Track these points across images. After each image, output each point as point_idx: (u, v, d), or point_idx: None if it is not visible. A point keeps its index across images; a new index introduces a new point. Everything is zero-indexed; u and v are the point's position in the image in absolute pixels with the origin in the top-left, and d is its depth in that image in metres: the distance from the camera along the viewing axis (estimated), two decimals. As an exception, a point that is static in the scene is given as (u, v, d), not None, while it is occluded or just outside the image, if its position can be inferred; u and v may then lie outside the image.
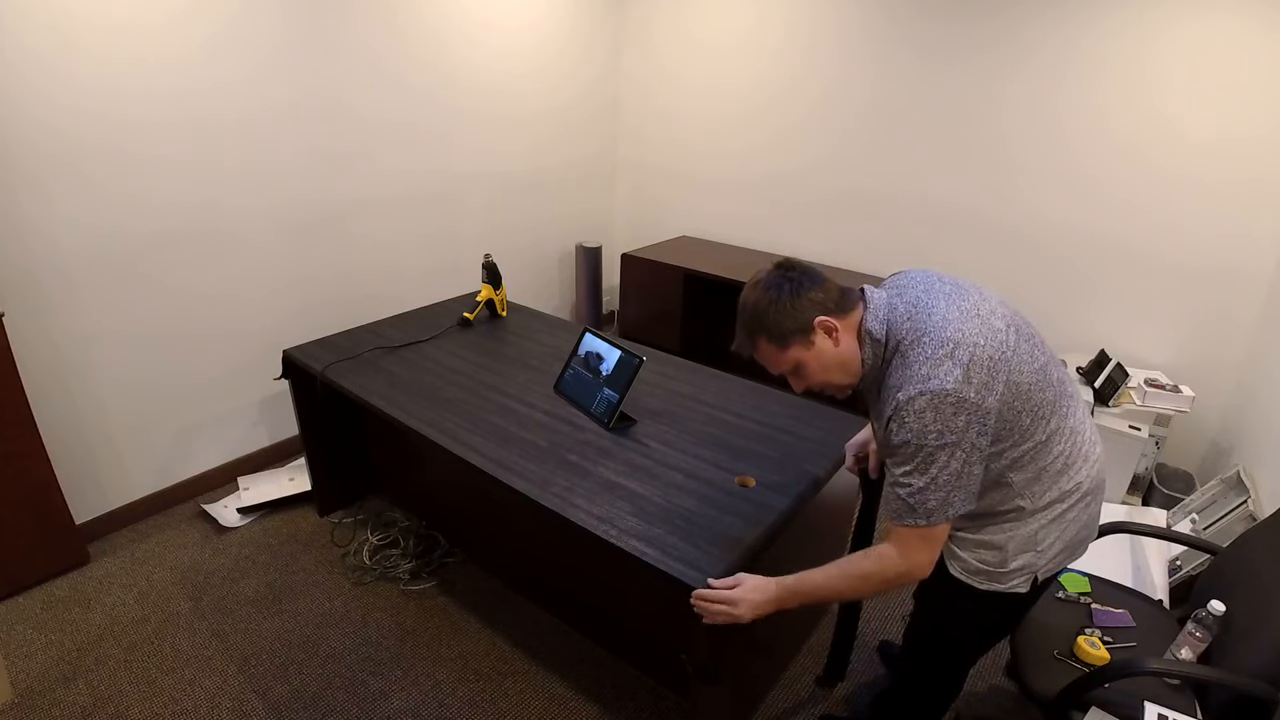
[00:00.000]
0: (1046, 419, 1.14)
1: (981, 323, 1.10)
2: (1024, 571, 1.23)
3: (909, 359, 1.09)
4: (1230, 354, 2.67)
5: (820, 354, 1.18)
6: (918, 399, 1.05)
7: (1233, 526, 2.13)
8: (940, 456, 1.06)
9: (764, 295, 1.17)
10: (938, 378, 1.04)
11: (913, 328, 1.12)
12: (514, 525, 2.15)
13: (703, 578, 1.30)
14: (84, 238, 2.16)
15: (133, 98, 2.15)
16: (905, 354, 1.11)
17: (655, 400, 2.00)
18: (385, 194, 3.01)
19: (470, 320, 2.49)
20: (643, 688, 1.93)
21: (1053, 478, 1.18)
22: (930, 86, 3.07)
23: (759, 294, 1.17)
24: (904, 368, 1.10)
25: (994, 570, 1.23)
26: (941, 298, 1.14)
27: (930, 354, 1.07)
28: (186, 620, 2.09)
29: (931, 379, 1.04)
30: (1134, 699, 1.33)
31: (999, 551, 1.22)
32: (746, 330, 1.20)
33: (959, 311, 1.11)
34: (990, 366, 1.06)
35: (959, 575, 1.27)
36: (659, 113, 4.04)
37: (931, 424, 1.04)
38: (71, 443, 2.28)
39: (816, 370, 1.20)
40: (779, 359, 1.20)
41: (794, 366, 1.20)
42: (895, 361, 1.13)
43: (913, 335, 1.11)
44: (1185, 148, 2.57)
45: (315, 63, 2.59)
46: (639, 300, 3.87)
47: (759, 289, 1.18)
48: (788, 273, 1.18)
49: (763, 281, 1.18)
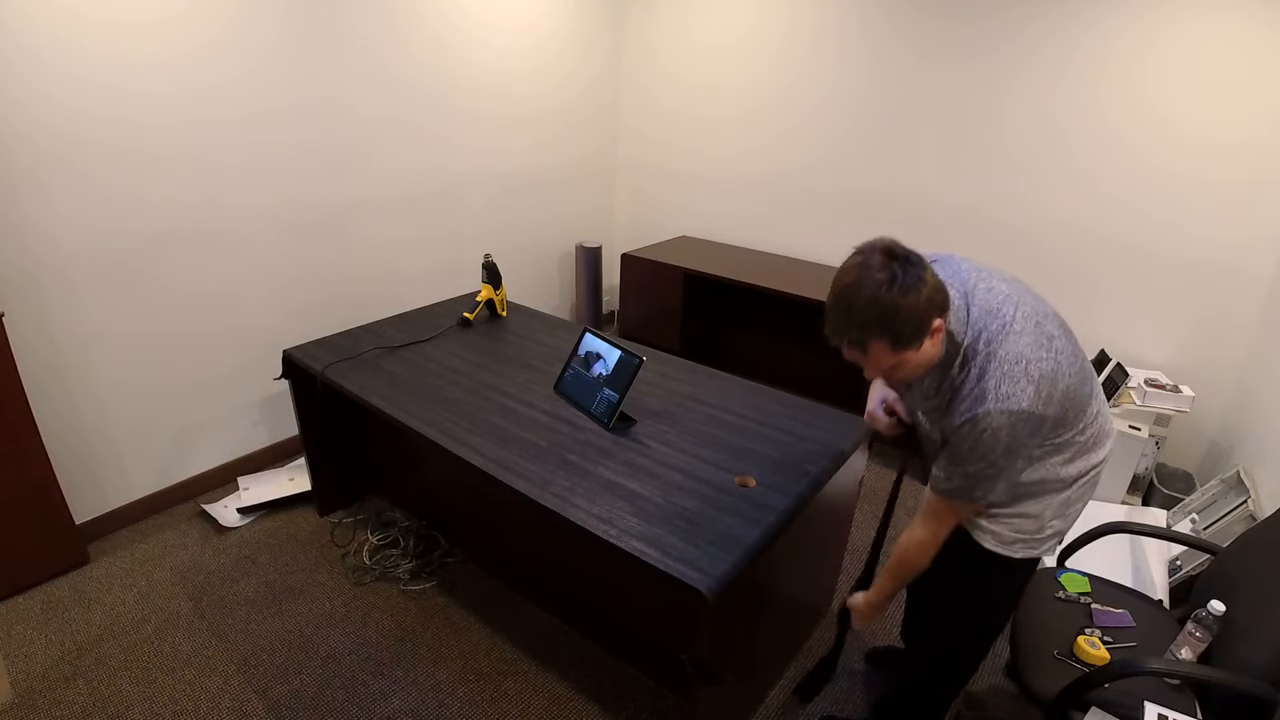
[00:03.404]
0: (1084, 409, 1.22)
1: (1041, 332, 1.14)
2: (1056, 536, 1.33)
3: (987, 371, 1.11)
4: (1230, 354, 2.67)
5: (922, 354, 1.11)
6: (997, 415, 1.09)
7: (1233, 526, 2.13)
8: (1001, 460, 1.14)
9: (887, 293, 1.03)
10: (1015, 396, 1.09)
11: (988, 337, 1.13)
12: (514, 525, 2.15)
13: (703, 578, 1.30)
14: (84, 237, 2.16)
15: (133, 97, 2.15)
16: (984, 365, 1.12)
17: (655, 400, 2.00)
18: (385, 194, 3.01)
19: (470, 320, 2.49)
20: (643, 688, 1.93)
21: (1086, 455, 1.26)
22: (930, 86, 3.07)
23: (880, 291, 1.03)
24: (982, 379, 1.11)
25: (1030, 537, 1.31)
26: (1008, 303, 1.16)
27: (1008, 370, 1.10)
28: (186, 620, 2.09)
29: (1010, 398, 1.09)
30: (1134, 699, 1.33)
31: (1036, 519, 1.30)
32: (864, 329, 1.06)
33: (1023, 319, 1.14)
34: (1052, 379, 1.12)
35: (993, 548, 1.33)
36: (659, 113, 4.04)
37: (1004, 437, 1.10)
38: (71, 443, 2.28)
39: (910, 371, 1.15)
40: (886, 360, 1.10)
41: (894, 367, 1.12)
42: (971, 368, 1.13)
43: (987, 345, 1.12)
44: (1185, 147, 2.57)
45: (316, 62, 2.59)
46: (639, 300, 3.87)
47: (875, 285, 1.03)
48: (905, 266, 1.04)
49: (876, 276, 1.04)
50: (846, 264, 1.09)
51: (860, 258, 1.08)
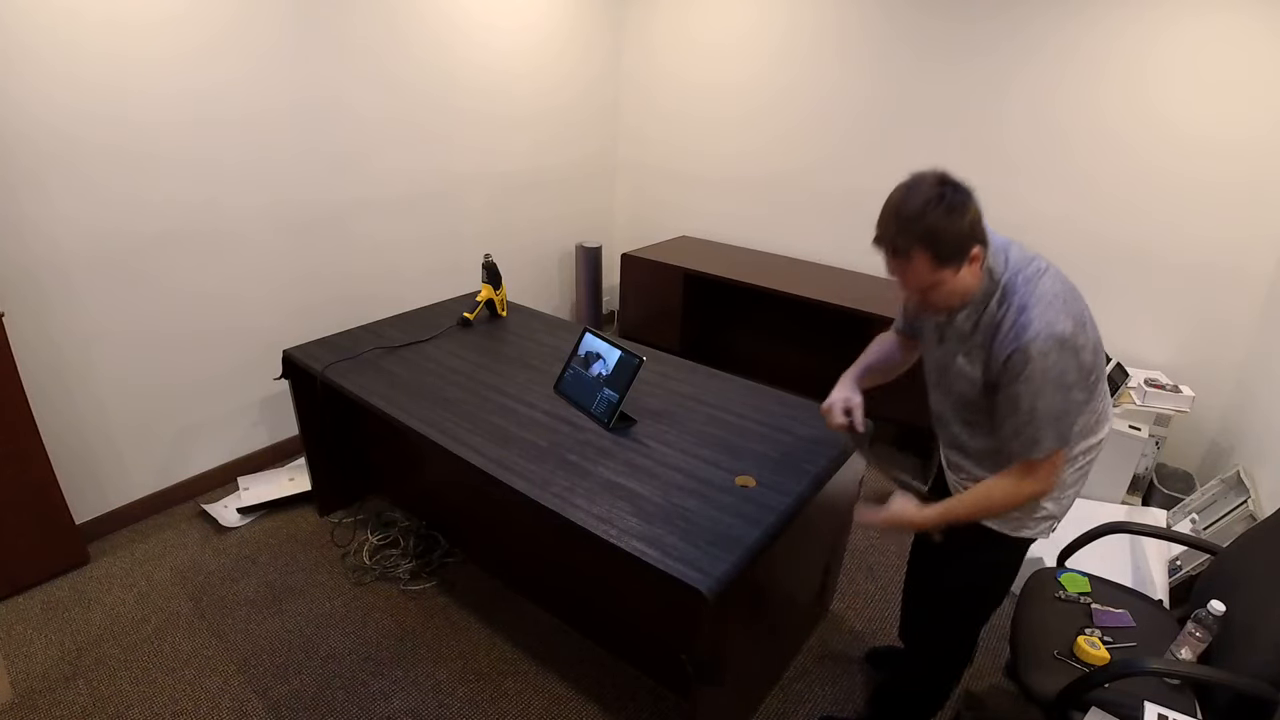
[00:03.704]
0: (1100, 379, 1.28)
1: (1069, 284, 1.21)
2: (1050, 517, 1.37)
3: (1029, 305, 1.16)
4: (1230, 354, 2.67)
5: (960, 280, 1.18)
6: (1043, 340, 1.13)
7: (1233, 526, 2.13)
8: (1058, 393, 1.15)
9: (934, 208, 1.11)
10: (1060, 324, 1.13)
11: (1025, 277, 1.19)
12: (514, 525, 2.15)
13: (703, 578, 1.30)
14: (84, 237, 2.15)
15: (133, 97, 2.15)
16: (1024, 300, 1.17)
17: (655, 400, 2.00)
18: (385, 194, 3.01)
19: (470, 320, 2.49)
20: (643, 688, 1.93)
21: (1088, 433, 1.31)
22: (930, 86, 3.07)
23: (928, 206, 1.11)
24: (1025, 311, 1.16)
25: (1024, 517, 1.36)
26: (1040, 259, 1.23)
27: (1050, 303, 1.15)
28: (186, 620, 2.09)
29: (1055, 324, 1.13)
30: (1134, 699, 1.33)
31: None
32: (909, 236, 1.13)
33: (1052, 270, 1.21)
34: (1084, 322, 1.18)
35: (992, 525, 1.37)
36: (659, 113, 4.04)
37: (1055, 364, 1.14)
38: (71, 443, 2.28)
39: (945, 295, 1.20)
40: (925, 275, 1.16)
41: (932, 285, 1.17)
42: (1008, 304, 1.18)
43: (1025, 283, 1.18)
44: (1185, 147, 2.57)
45: (316, 62, 2.59)
46: (639, 300, 3.87)
47: (924, 200, 1.11)
48: (955, 190, 1.12)
49: (926, 192, 1.12)
50: (901, 182, 1.18)
51: (914, 177, 1.16)
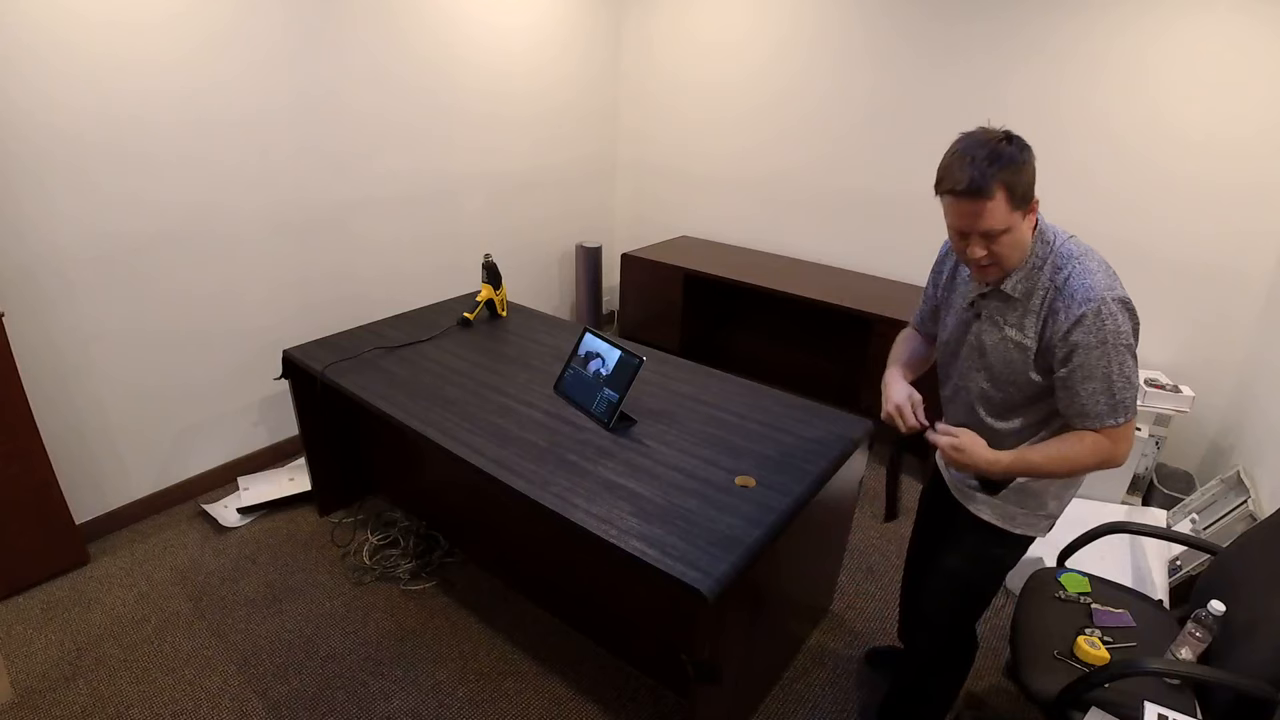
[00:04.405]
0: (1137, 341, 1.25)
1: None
2: (1050, 516, 1.40)
3: (1087, 268, 1.17)
4: (1230, 354, 2.67)
5: (1024, 230, 1.19)
6: (1108, 303, 1.13)
7: (1233, 526, 2.13)
8: (1128, 356, 1.16)
9: (1008, 147, 1.12)
10: (1117, 288, 1.15)
11: (1075, 243, 1.21)
12: (514, 525, 2.15)
13: (703, 578, 1.30)
14: (84, 236, 2.15)
15: (133, 97, 2.15)
16: (1082, 263, 1.18)
17: (655, 400, 2.00)
18: (386, 194, 3.01)
19: (470, 320, 2.49)
20: (643, 688, 1.93)
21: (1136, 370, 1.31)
22: (930, 86, 3.07)
23: (1002, 145, 1.12)
24: (1083, 275, 1.16)
25: (1030, 513, 1.38)
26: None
27: (1104, 268, 1.18)
28: (186, 620, 2.09)
29: (1114, 288, 1.15)
30: (1134, 699, 1.33)
31: (1037, 498, 1.37)
32: (991, 172, 1.11)
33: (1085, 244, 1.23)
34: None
35: (995, 521, 1.40)
36: (659, 113, 4.04)
37: (1122, 325, 1.14)
38: (71, 443, 2.28)
39: (1011, 244, 1.19)
40: (1001, 215, 1.14)
41: (1005, 229, 1.16)
42: (1069, 267, 1.18)
43: (1078, 247, 1.20)
44: (1186, 147, 2.57)
45: (315, 62, 2.59)
46: (639, 300, 3.87)
47: (996, 140, 1.13)
48: (1019, 140, 1.15)
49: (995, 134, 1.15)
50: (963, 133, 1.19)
51: (974, 131, 1.18)
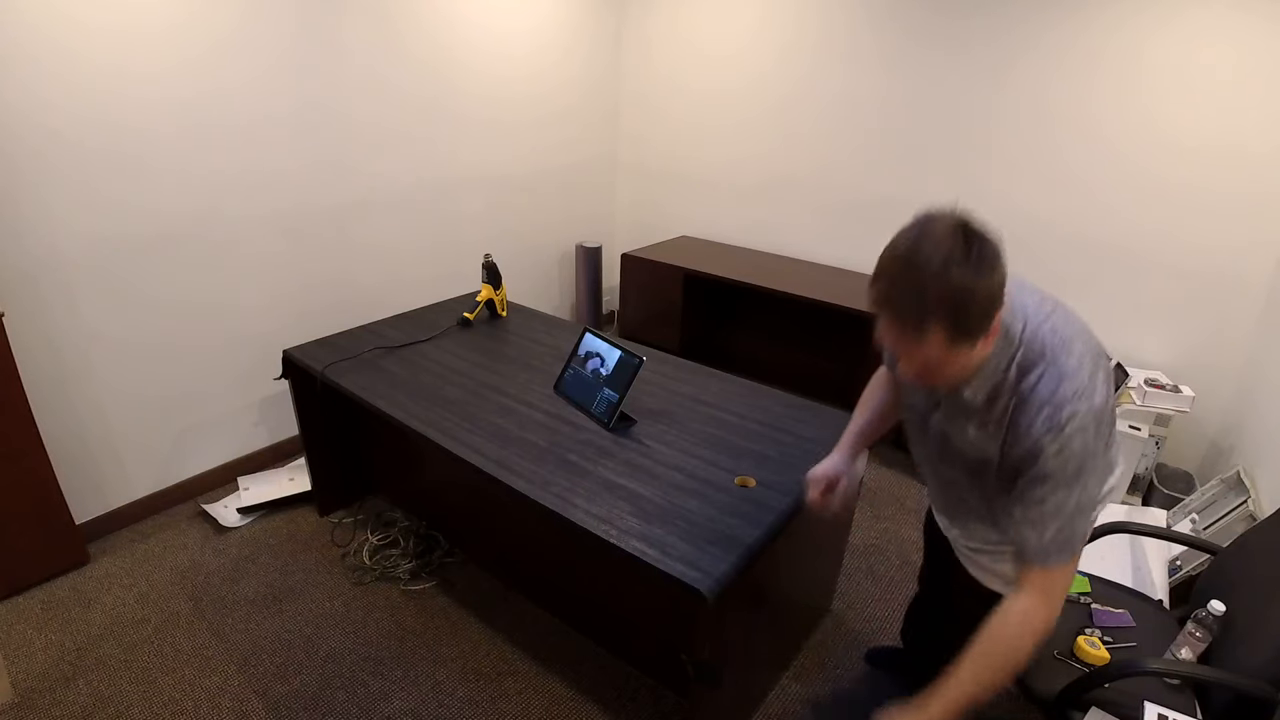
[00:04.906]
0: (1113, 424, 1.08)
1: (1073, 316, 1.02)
2: None
3: (1061, 370, 0.94)
4: (1230, 354, 2.67)
5: (973, 356, 0.94)
6: (1082, 416, 0.92)
7: (1233, 526, 2.13)
8: (1088, 478, 0.96)
9: (957, 275, 0.85)
10: (1099, 392, 0.94)
11: (1050, 327, 0.97)
12: (514, 525, 2.15)
13: (703, 578, 1.30)
14: (84, 240, 2.15)
15: (134, 103, 2.15)
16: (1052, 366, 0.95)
17: (655, 400, 2.00)
18: (386, 195, 3.01)
19: (470, 320, 2.49)
20: (643, 688, 1.93)
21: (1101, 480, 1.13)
22: (931, 89, 3.07)
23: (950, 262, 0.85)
24: (1053, 382, 0.94)
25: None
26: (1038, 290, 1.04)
27: (1079, 360, 0.95)
28: (186, 620, 2.09)
29: (1095, 394, 0.94)
30: (1134, 699, 1.33)
31: None
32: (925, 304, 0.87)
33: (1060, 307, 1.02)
34: (1097, 355, 0.99)
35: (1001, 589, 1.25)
36: (660, 115, 4.04)
37: (1091, 441, 0.94)
38: (71, 443, 2.28)
39: (947, 375, 0.97)
40: (935, 354, 0.91)
41: (939, 364, 0.94)
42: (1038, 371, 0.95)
43: (1051, 334, 0.97)
44: (1186, 150, 2.57)
45: (316, 66, 2.59)
46: (639, 300, 3.87)
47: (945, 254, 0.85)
48: (982, 247, 0.87)
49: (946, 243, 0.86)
50: (908, 226, 0.91)
51: (924, 220, 0.90)
